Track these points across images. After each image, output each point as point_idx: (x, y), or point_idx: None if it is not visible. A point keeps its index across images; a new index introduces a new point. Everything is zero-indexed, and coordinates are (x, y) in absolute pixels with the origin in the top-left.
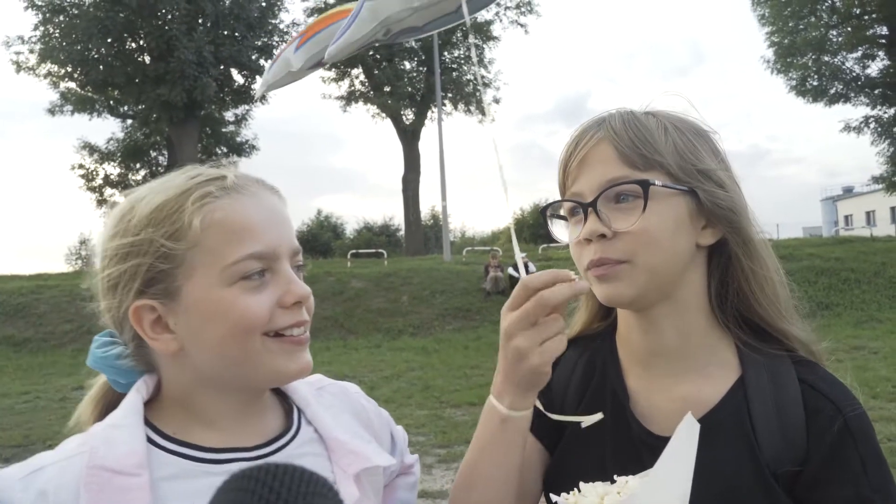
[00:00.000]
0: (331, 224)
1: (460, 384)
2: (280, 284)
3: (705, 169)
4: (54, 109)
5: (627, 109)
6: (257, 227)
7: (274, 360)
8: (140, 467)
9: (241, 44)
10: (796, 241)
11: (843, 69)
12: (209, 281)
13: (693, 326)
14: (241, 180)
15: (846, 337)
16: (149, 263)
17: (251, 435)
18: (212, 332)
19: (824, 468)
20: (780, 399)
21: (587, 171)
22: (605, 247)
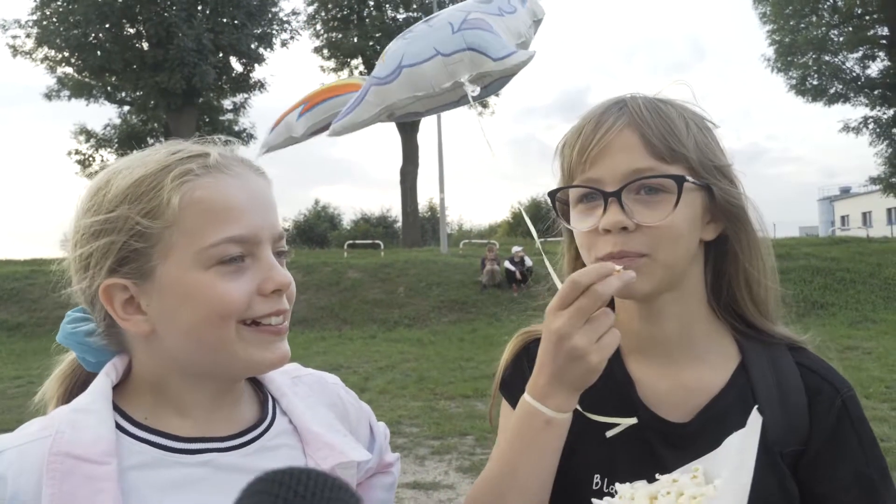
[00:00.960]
0: (328, 214)
1: (455, 376)
2: (260, 271)
3: (720, 165)
4: (51, 94)
5: (644, 95)
6: (238, 209)
7: (249, 349)
8: (108, 455)
9: (240, 32)
10: (793, 241)
11: (843, 69)
12: (185, 263)
13: (694, 315)
14: (225, 159)
15: (840, 337)
16: (123, 241)
17: (224, 424)
18: (185, 316)
19: (825, 448)
20: (781, 382)
21: (609, 157)
22: (626, 240)
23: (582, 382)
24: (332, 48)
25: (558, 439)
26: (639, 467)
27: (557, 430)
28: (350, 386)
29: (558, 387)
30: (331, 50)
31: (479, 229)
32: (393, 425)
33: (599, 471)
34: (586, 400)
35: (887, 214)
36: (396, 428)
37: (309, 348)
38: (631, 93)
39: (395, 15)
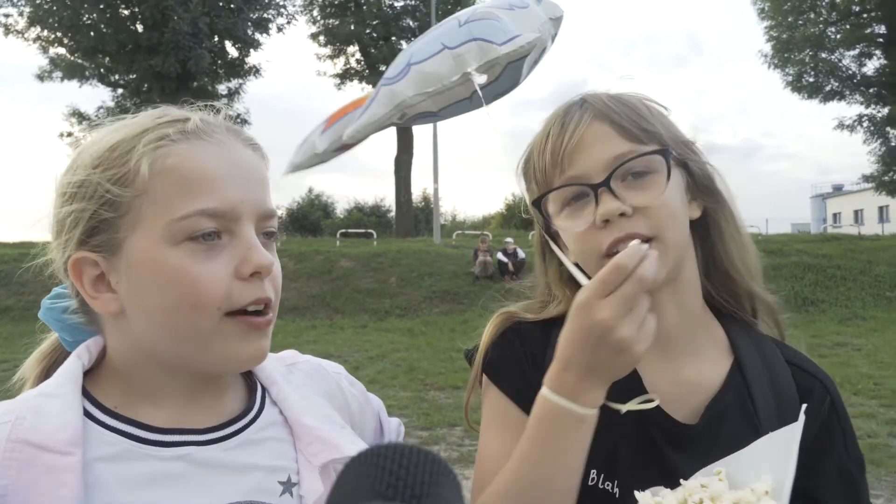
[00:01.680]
0: (321, 203)
1: (445, 367)
2: (238, 250)
3: (687, 141)
4: (43, 75)
5: (598, 91)
6: (215, 179)
7: (226, 343)
8: (72, 444)
9: (236, 16)
10: (785, 237)
11: (839, 66)
12: (154, 236)
13: (691, 305)
14: (208, 125)
15: (830, 333)
16: (92, 210)
17: (204, 415)
18: (154, 298)
19: (815, 444)
20: (774, 380)
21: (586, 152)
22: (628, 224)
23: (619, 374)
24: (328, 35)
25: (589, 436)
26: (639, 464)
27: (589, 426)
28: None
29: (594, 381)
30: (327, 36)
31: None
32: None
33: (597, 466)
34: None
35: (879, 212)
36: None
37: (300, 337)
38: (583, 93)
39: (393, 2)
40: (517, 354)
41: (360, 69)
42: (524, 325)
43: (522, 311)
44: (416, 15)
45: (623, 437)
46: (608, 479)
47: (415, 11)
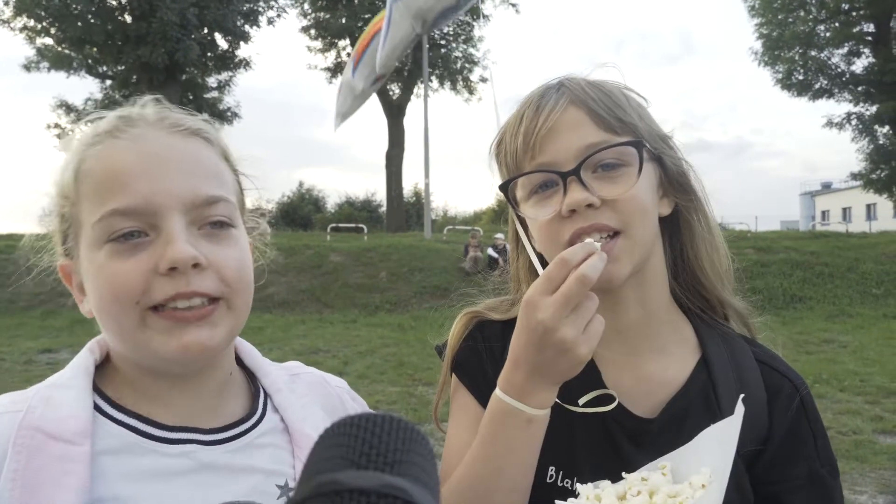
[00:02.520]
0: (312, 197)
1: (434, 362)
2: (159, 246)
3: (663, 135)
4: (30, 65)
5: (577, 76)
6: (125, 176)
7: (151, 336)
8: (82, 436)
9: (226, 8)
10: (774, 234)
11: (828, 64)
12: (87, 242)
13: (656, 302)
14: (124, 121)
15: (817, 330)
16: (59, 222)
17: (208, 416)
18: (93, 298)
19: (783, 447)
20: (742, 379)
21: (558, 138)
22: (595, 215)
23: (566, 376)
24: (319, 28)
25: (539, 435)
26: (599, 461)
27: (538, 426)
28: (328, 370)
29: (540, 382)
30: (318, 30)
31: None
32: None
33: (555, 462)
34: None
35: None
36: None
37: (289, 331)
38: (564, 76)
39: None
40: (481, 354)
41: None
42: (488, 323)
43: (488, 310)
44: None
45: (581, 433)
46: (567, 477)
47: None
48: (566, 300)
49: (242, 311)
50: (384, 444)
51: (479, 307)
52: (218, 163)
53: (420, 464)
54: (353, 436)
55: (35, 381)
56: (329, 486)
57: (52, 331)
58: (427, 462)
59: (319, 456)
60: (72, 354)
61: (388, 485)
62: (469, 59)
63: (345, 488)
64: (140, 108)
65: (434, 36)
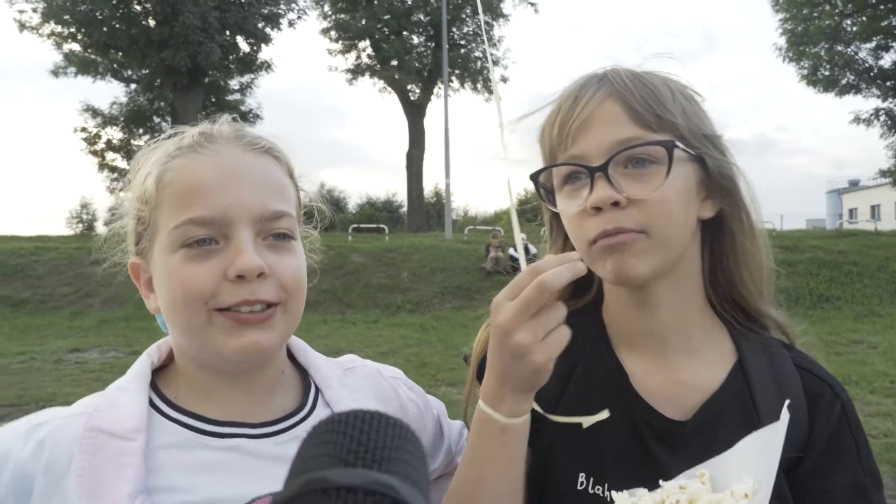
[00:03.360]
0: (333, 198)
1: (456, 362)
2: (230, 255)
3: (710, 134)
4: (57, 71)
5: (624, 67)
6: (204, 188)
7: (215, 336)
8: (136, 432)
9: (247, 11)
10: (800, 233)
11: (855, 59)
12: (163, 244)
13: (690, 305)
14: (206, 137)
15: (846, 330)
16: (133, 223)
17: (259, 411)
18: (164, 297)
19: (825, 455)
20: (780, 384)
21: (591, 131)
22: (619, 216)
23: (530, 384)
24: (339, 30)
25: (517, 445)
26: (630, 465)
27: (514, 436)
28: None
29: (506, 390)
30: (338, 31)
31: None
32: None
33: (585, 469)
34: (575, 392)
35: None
36: None
37: (311, 331)
38: (612, 65)
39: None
40: None
41: (372, 64)
42: None
43: None
44: (427, 10)
45: (610, 438)
46: (598, 483)
47: (426, 6)
48: (524, 305)
49: (297, 313)
50: (373, 441)
51: None
52: (284, 179)
53: (409, 461)
54: (342, 433)
55: (65, 379)
56: (316, 483)
57: (80, 331)
58: (416, 460)
59: (308, 453)
60: (100, 353)
61: (375, 482)
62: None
63: (332, 486)
64: (219, 126)
65: (454, 36)
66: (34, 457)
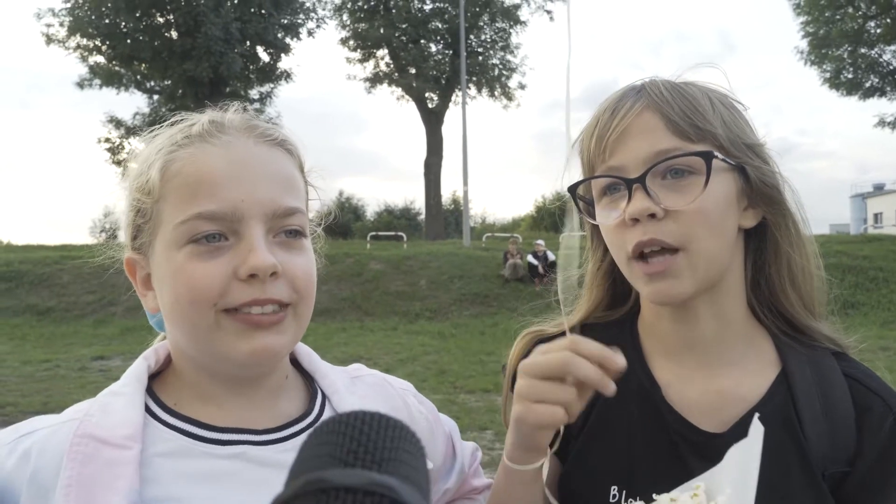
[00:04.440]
0: (352, 206)
1: (475, 370)
2: (241, 252)
3: (752, 143)
4: (83, 83)
5: (663, 78)
6: (214, 181)
7: (223, 338)
8: (131, 439)
9: (267, 21)
10: (823, 238)
11: (879, 62)
12: (166, 239)
13: (732, 315)
14: (217, 126)
15: (873, 337)
16: (132, 216)
17: (262, 417)
18: (166, 296)
19: (873, 471)
20: (826, 395)
21: (629, 142)
22: (657, 228)
23: (523, 445)
24: (357, 38)
25: (526, 486)
26: (663, 477)
27: (518, 479)
28: None
29: (509, 440)
30: (356, 40)
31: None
32: None
33: (617, 482)
34: (606, 404)
35: None
36: None
37: (330, 339)
38: (650, 76)
39: (422, 5)
40: None
41: (390, 72)
42: (543, 340)
43: (549, 327)
44: (445, 17)
45: (641, 450)
46: (630, 496)
47: (443, 14)
48: (542, 367)
49: (306, 317)
50: (372, 442)
51: (536, 327)
52: (296, 174)
53: (409, 462)
54: (342, 433)
55: (89, 387)
56: (316, 483)
57: (104, 339)
58: (417, 461)
59: (308, 454)
60: (123, 361)
61: (374, 483)
62: (507, 65)
63: (331, 486)
64: (230, 115)
65: (471, 43)
66: (19, 468)
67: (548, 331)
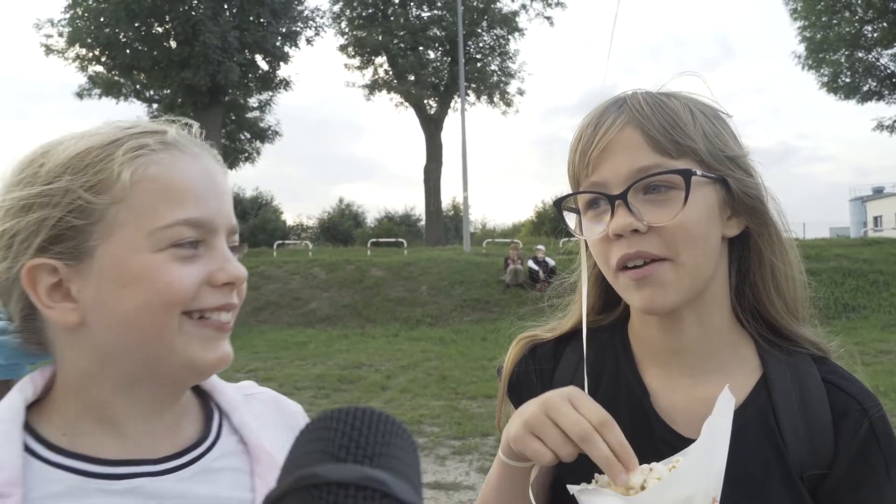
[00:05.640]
0: (352, 212)
1: (477, 375)
2: (213, 260)
3: (733, 155)
4: (83, 93)
5: (645, 90)
6: (196, 191)
7: (189, 345)
8: (11, 485)
9: (266, 30)
10: (823, 242)
11: (877, 66)
12: (133, 244)
13: (716, 324)
14: (184, 138)
15: (873, 340)
16: (58, 217)
17: (161, 444)
18: (126, 301)
19: (850, 472)
20: (805, 400)
21: (611, 159)
22: (640, 241)
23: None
24: (356, 46)
25: (520, 482)
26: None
27: (513, 474)
28: (372, 385)
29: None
30: (355, 48)
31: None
32: (414, 425)
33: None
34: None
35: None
36: (417, 427)
37: (332, 346)
38: (633, 89)
39: (420, 13)
40: (531, 377)
41: (389, 79)
42: (539, 345)
43: (542, 331)
44: (443, 24)
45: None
46: None
47: (441, 21)
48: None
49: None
50: (364, 436)
51: (531, 331)
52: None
53: (401, 457)
54: (333, 429)
55: None
56: (307, 479)
57: None
58: (408, 455)
59: (299, 451)
60: None
61: (367, 477)
62: (505, 72)
63: (323, 481)
64: (193, 129)
65: (470, 50)
66: None
67: (542, 336)
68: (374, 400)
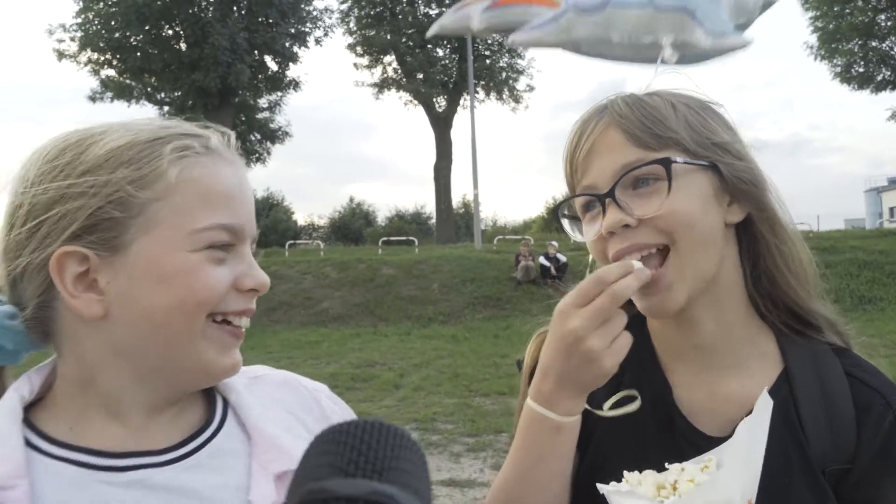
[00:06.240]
0: (362, 211)
1: (489, 373)
2: (240, 266)
3: (721, 142)
4: (95, 97)
5: (628, 93)
6: (232, 198)
7: (208, 349)
8: (15, 477)
9: (274, 31)
10: (838, 233)
11: (891, 55)
12: (172, 242)
13: (733, 317)
14: (223, 145)
15: (890, 332)
16: (96, 206)
17: (164, 433)
18: (159, 297)
19: (873, 467)
20: (827, 393)
21: (596, 160)
22: (634, 234)
23: (592, 385)
24: (365, 44)
25: (570, 443)
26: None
27: (568, 434)
28: (385, 383)
29: (567, 390)
30: (364, 46)
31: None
32: (428, 422)
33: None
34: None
35: None
36: (431, 425)
37: (344, 345)
38: (617, 93)
39: (428, 10)
40: None
41: (397, 77)
42: None
43: None
44: None
45: (654, 453)
46: None
47: None
48: (597, 312)
49: None
50: (373, 450)
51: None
52: None
53: (410, 470)
54: (342, 443)
55: None
56: (317, 494)
57: None
58: (417, 468)
59: (309, 464)
60: None
61: (375, 492)
62: (514, 68)
63: (332, 496)
64: (229, 137)
65: (478, 47)
66: None
67: None
68: (388, 398)
